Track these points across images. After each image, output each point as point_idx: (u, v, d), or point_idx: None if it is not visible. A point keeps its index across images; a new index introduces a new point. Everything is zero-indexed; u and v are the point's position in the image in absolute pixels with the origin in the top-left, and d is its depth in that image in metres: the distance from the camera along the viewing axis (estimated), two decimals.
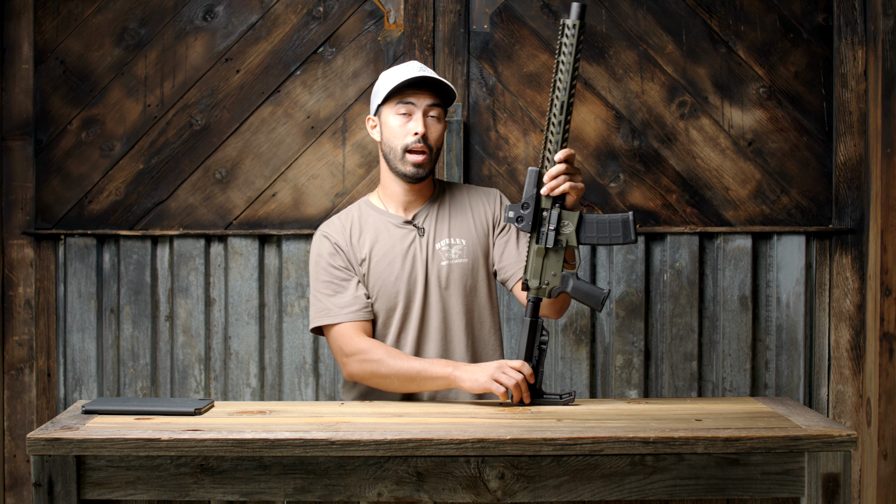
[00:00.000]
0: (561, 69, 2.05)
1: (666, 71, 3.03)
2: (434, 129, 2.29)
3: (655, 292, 3.05)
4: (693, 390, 3.03)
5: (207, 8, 3.03)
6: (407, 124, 2.27)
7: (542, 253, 2.13)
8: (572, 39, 2.04)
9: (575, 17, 2.04)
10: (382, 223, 2.36)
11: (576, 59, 2.05)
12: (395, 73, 2.31)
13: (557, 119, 2.07)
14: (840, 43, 3.02)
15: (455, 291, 2.32)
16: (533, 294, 2.15)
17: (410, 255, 2.33)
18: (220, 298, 3.05)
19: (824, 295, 3.05)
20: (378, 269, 2.32)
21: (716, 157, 3.03)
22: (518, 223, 2.11)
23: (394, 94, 2.28)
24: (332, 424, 1.91)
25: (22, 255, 3.06)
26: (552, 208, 2.11)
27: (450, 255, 2.33)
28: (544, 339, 2.15)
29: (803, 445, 1.82)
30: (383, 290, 2.31)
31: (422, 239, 2.34)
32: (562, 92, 2.06)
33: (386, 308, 2.32)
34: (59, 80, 3.04)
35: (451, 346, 2.33)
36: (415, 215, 2.36)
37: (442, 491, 1.83)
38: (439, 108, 2.30)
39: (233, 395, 3.05)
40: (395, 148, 2.28)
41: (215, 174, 3.04)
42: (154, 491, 1.84)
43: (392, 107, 2.28)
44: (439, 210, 2.37)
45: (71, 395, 3.06)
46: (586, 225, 2.12)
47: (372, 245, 2.34)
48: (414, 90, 2.27)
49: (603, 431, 1.84)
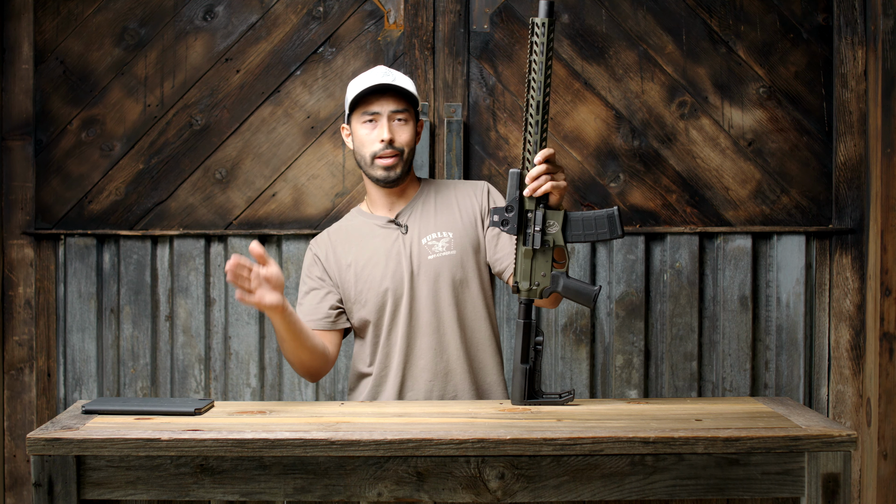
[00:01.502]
0: (534, 68, 2.04)
1: (666, 71, 3.03)
2: (401, 133, 2.31)
3: (655, 292, 3.05)
4: (693, 390, 3.03)
5: (207, 8, 3.03)
6: (373, 132, 2.30)
7: (529, 255, 2.13)
8: (543, 38, 2.02)
9: (543, 15, 2.02)
10: (367, 227, 2.38)
11: (548, 57, 2.03)
12: (359, 80, 2.34)
13: (535, 119, 2.06)
14: (840, 43, 3.02)
15: (444, 284, 2.33)
16: (524, 296, 2.14)
17: (395, 252, 2.34)
18: (220, 298, 3.05)
19: (824, 295, 3.05)
20: (364, 271, 2.34)
21: (716, 157, 3.03)
22: (503, 227, 2.10)
23: (358, 103, 2.30)
24: (332, 424, 1.91)
25: (22, 255, 3.06)
26: (536, 209, 2.10)
27: (437, 248, 2.34)
28: (539, 340, 2.15)
29: (803, 445, 1.82)
30: (371, 290, 2.33)
31: (405, 236, 2.35)
32: (536, 91, 2.04)
33: (376, 308, 2.33)
34: (59, 80, 3.04)
35: (443, 340, 2.33)
36: (398, 214, 2.37)
37: (442, 491, 1.83)
38: (405, 111, 2.31)
39: (233, 395, 3.05)
40: (365, 156, 2.32)
41: (215, 174, 3.04)
42: (154, 491, 1.84)
43: (358, 116, 2.32)
44: (423, 206, 2.38)
45: (71, 395, 3.06)
46: (572, 223, 2.11)
47: (357, 249, 2.36)
48: (377, 97, 2.29)
49: (603, 431, 1.84)
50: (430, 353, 2.33)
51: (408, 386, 2.34)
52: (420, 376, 2.33)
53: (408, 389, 2.34)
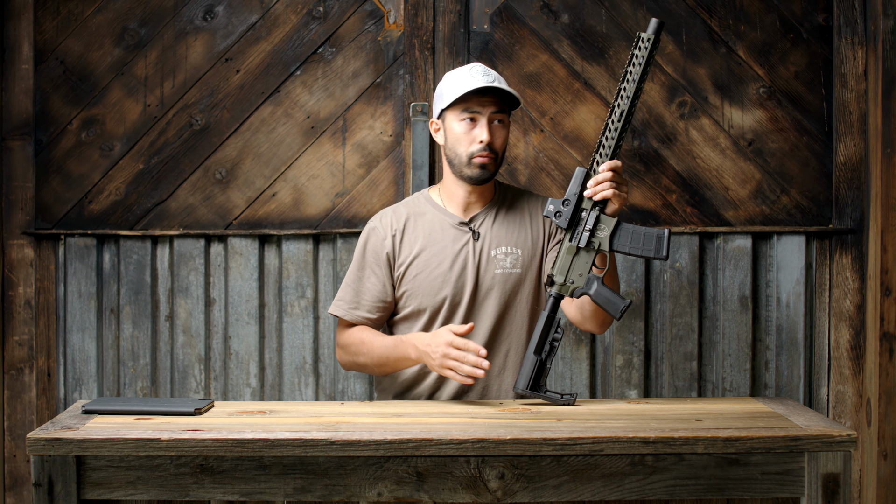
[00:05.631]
0: (628, 79, 2.11)
1: (666, 71, 3.03)
2: (499, 135, 2.30)
3: (655, 292, 3.05)
4: (693, 390, 3.03)
5: (207, 8, 3.03)
6: (472, 131, 2.29)
7: (573, 251, 2.17)
8: (644, 52, 2.10)
9: (651, 32, 2.11)
10: (438, 221, 2.36)
11: (644, 71, 2.10)
12: (459, 77, 2.31)
13: (615, 126, 2.13)
14: (840, 43, 3.02)
15: (504, 301, 2.33)
16: (556, 290, 2.17)
17: (462, 258, 2.33)
18: (220, 298, 3.05)
19: (824, 295, 3.05)
20: (426, 267, 2.33)
21: (716, 157, 3.03)
22: (556, 218, 2.16)
23: (458, 100, 2.28)
24: (332, 424, 1.91)
25: (22, 255, 3.06)
26: (592, 210, 2.16)
27: (505, 263, 2.33)
28: (557, 337, 2.17)
29: (803, 445, 1.82)
30: (428, 288, 2.32)
31: (476, 243, 2.34)
32: (624, 100, 2.12)
33: (428, 306, 2.32)
34: (59, 80, 3.04)
35: (490, 355, 2.30)
36: (472, 218, 2.36)
37: (442, 491, 1.83)
38: (504, 113, 2.31)
39: (233, 395, 3.05)
40: (461, 154, 2.30)
41: (215, 174, 3.04)
42: (154, 491, 1.84)
43: (457, 113, 2.29)
44: (497, 215, 2.37)
45: (71, 395, 3.06)
46: (622, 232, 2.16)
47: (423, 241, 2.34)
48: (479, 97, 2.28)
49: (603, 431, 1.84)
50: None
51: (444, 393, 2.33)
52: (458, 386, 2.31)
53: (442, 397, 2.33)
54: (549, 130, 3.03)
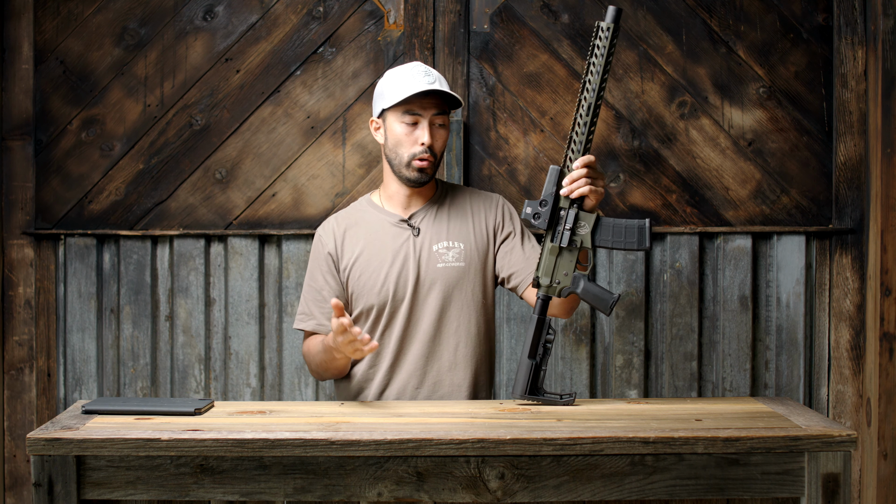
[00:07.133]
0: (592, 71, 2.08)
1: (666, 71, 3.03)
2: (440, 137, 2.30)
3: (655, 292, 3.05)
4: (693, 390, 3.03)
5: (207, 8, 3.03)
6: (413, 133, 2.27)
7: (555, 251, 2.14)
8: (605, 42, 2.06)
9: (610, 21, 2.07)
10: (377, 221, 2.36)
11: (607, 61, 2.07)
12: (399, 77, 2.29)
13: (584, 120, 2.09)
14: (840, 43, 3.02)
15: (448, 295, 2.32)
16: (543, 292, 2.15)
17: (402, 254, 2.33)
18: (220, 298, 3.05)
19: (824, 295, 3.05)
20: (368, 267, 2.33)
21: (716, 157, 3.04)
22: (535, 220, 2.13)
23: (401, 101, 2.27)
24: (332, 424, 1.91)
25: (22, 255, 3.06)
26: (570, 208, 2.13)
27: (447, 257, 2.32)
28: (550, 339, 2.15)
29: (803, 445, 1.82)
30: (371, 286, 2.32)
31: (416, 239, 2.34)
32: (590, 94, 2.08)
33: (374, 304, 2.32)
34: (59, 80, 3.04)
35: (437, 350, 2.32)
36: (412, 215, 2.36)
37: (442, 491, 1.83)
38: (444, 115, 2.30)
39: (233, 395, 3.05)
40: (402, 155, 2.29)
41: (215, 174, 3.04)
42: (154, 491, 1.84)
43: (398, 115, 2.28)
44: (438, 211, 2.37)
45: (71, 395, 3.06)
46: (602, 228, 2.13)
47: (364, 242, 2.34)
48: (420, 98, 2.27)
49: (603, 431, 1.84)
50: (421, 361, 2.32)
51: (392, 390, 2.33)
52: (408, 382, 2.32)
53: (391, 395, 2.33)
54: (549, 130, 3.03)
